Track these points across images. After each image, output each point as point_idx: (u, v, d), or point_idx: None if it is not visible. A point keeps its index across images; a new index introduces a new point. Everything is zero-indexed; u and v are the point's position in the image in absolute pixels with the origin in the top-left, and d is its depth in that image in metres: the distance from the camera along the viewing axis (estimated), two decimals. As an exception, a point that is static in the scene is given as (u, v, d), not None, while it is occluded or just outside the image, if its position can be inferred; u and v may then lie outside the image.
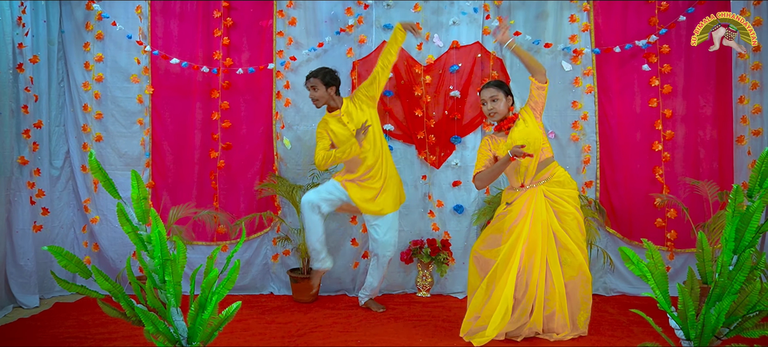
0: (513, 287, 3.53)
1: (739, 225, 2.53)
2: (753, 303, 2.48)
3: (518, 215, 3.61)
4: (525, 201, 3.63)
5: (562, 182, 3.67)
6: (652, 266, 2.61)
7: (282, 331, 3.86)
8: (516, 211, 3.63)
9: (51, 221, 4.79)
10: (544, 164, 3.67)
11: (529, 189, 3.66)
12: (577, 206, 3.69)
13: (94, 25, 4.89)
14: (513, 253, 3.57)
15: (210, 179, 4.92)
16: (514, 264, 3.55)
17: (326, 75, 4.17)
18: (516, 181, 3.72)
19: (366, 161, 4.14)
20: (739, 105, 4.69)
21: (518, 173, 3.68)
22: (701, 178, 4.60)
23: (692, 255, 4.59)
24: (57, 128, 4.90)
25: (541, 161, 3.65)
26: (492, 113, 3.68)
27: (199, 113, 4.93)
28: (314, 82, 4.16)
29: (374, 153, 4.16)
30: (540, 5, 4.85)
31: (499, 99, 3.66)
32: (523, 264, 3.56)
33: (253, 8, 4.91)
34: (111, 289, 2.53)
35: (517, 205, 3.64)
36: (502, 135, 3.72)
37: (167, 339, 2.52)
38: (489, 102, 3.67)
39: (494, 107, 3.65)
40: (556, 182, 3.65)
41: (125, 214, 2.54)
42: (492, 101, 3.66)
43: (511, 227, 3.61)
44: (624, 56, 4.78)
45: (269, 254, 4.95)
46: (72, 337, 3.73)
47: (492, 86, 3.71)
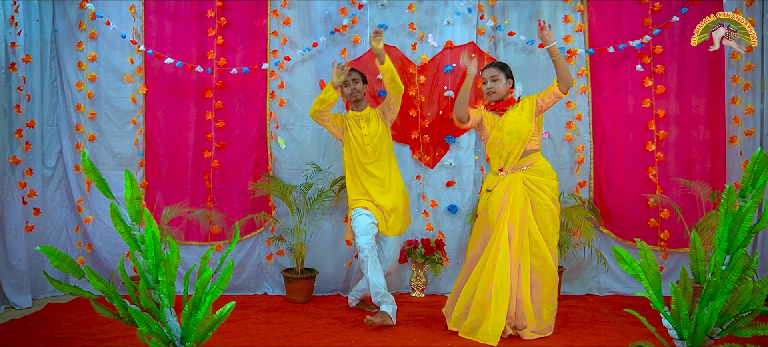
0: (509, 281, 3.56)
1: (731, 225, 2.54)
2: (745, 303, 2.49)
3: (501, 205, 3.65)
4: (506, 187, 3.67)
5: (542, 170, 3.71)
6: (645, 266, 2.62)
7: (276, 331, 3.85)
8: (498, 199, 3.67)
9: (43, 222, 4.76)
10: (528, 153, 3.71)
11: (508, 175, 3.71)
12: (555, 198, 3.71)
13: (87, 25, 4.87)
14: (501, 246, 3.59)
15: (204, 179, 4.91)
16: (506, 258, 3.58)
17: (360, 73, 4.22)
18: (496, 164, 3.77)
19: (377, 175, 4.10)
20: (732, 106, 4.71)
21: (500, 157, 3.74)
22: (694, 178, 4.63)
23: (685, 255, 4.61)
24: (50, 128, 4.87)
25: (525, 150, 3.69)
26: (490, 92, 3.75)
27: (192, 112, 4.91)
28: (357, 77, 4.16)
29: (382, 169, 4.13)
30: (534, 6, 4.86)
31: (499, 79, 3.74)
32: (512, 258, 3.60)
33: (247, 8, 4.90)
34: (104, 289, 2.52)
35: (498, 191, 3.69)
36: (496, 114, 3.80)
37: (160, 339, 2.51)
38: (489, 81, 3.75)
39: (493, 87, 3.74)
40: (536, 171, 3.70)
41: (118, 214, 2.53)
42: (492, 80, 3.74)
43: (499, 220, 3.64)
44: (617, 57, 4.80)
45: (263, 255, 4.94)
46: (65, 338, 3.71)
47: (494, 66, 3.80)
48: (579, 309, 4.37)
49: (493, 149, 3.78)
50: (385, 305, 3.88)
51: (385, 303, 3.88)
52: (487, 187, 3.78)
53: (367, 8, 4.87)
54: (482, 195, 3.87)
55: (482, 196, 3.86)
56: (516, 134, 3.67)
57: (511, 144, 3.68)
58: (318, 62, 4.90)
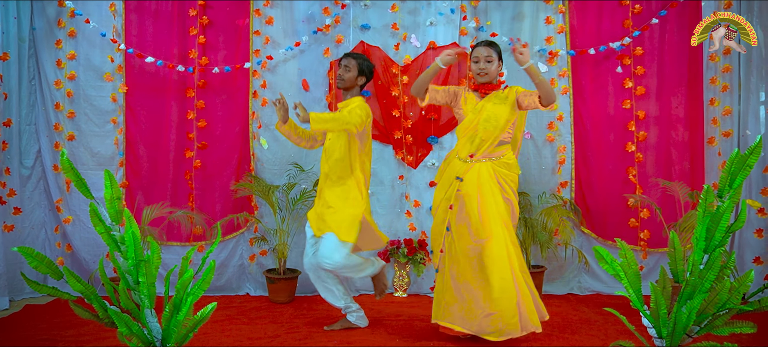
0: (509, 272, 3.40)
1: (709, 225, 2.58)
2: (723, 302, 2.53)
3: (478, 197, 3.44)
4: (476, 177, 3.48)
5: (510, 164, 3.55)
6: (625, 265, 2.64)
7: (258, 332, 3.83)
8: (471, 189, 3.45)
9: (21, 222, 4.69)
10: (502, 143, 3.55)
11: (478, 163, 3.51)
12: (516, 192, 3.58)
13: (66, 23, 4.80)
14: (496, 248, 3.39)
15: (185, 179, 4.87)
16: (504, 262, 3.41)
17: (364, 63, 3.84)
18: (466, 150, 3.55)
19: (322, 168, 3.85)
20: (710, 107, 4.78)
21: (472, 142, 3.53)
22: (673, 178, 4.69)
23: (665, 255, 4.67)
24: (27, 127, 4.80)
25: (501, 140, 3.53)
26: (482, 73, 3.50)
27: (174, 112, 4.87)
28: (350, 64, 3.79)
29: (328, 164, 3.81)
30: (516, 6, 4.89)
31: (492, 60, 3.50)
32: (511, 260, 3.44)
33: (229, 7, 4.87)
34: (83, 290, 2.49)
35: (469, 181, 3.47)
36: (477, 95, 3.58)
37: (141, 340, 2.49)
38: (483, 61, 3.49)
39: (486, 68, 3.49)
40: (504, 163, 3.53)
41: (98, 214, 2.50)
42: (486, 60, 3.49)
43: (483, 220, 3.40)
44: (598, 58, 4.85)
45: (245, 255, 4.92)
46: (43, 340, 3.66)
47: (489, 46, 3.53)
48: (560, 308, 4.40)
49: (466, 133, 3.56)
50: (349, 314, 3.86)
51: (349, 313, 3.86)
52: (458, 174, 3.52)
53: (350, 8, 4.87)
54: (445, 177, 3.61)
55: (446, 179, 3.60)
56: (493, 122, 3.47)
57: (487, 132, 3.48)
58: (301, 62, 4.88)
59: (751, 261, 4.62)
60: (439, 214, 3.62)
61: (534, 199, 4.84)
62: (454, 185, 3.54)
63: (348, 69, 3.78)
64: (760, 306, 2.57)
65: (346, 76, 3.77)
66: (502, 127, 3.50)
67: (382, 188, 4.91)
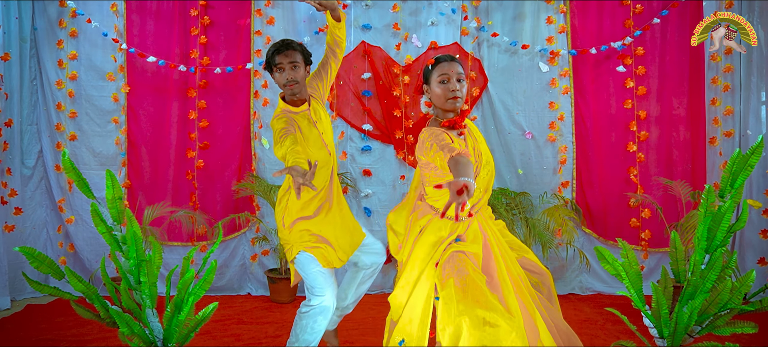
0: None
1: (711, 225, 2.57)
2: (724, 302, 2.53)
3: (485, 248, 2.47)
4: (478, 226, 2.52)
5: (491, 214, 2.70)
6: (626, 265, 2.64)
7: (260, 332, 3.83)
8: (479, 242, 2.46)
9: (22, 222, 4.70)
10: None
11: (475, 219, 2.53)
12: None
13: (68, 23, 4.81)
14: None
15: (187, 179, 4.87)
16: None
17: (304, 50, 3.06)
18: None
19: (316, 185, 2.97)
20: (712, 107, 4.78)
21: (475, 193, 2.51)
22: (674, 178, 4.68)
23: (666, 255, 4.67)
24: (29, 127, 4.81)
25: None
26: (455, 96, 2.52)
27: (175, 112, 4.88)
28: (296, 59, 2.96)
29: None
30: (517, 6, 4.89)
31: (463, 81, 2.58)
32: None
33: (230, 7, 4.87)
34: (85, 290, 2.49)
35: (473, 234, 2.48)
36: (455, 134, 2.55)
37: (142, 340, 2.49)
38: (455, 81, 2.53)
39: (460, 90, 2.54)
40: (489, 216, 2.64)
41: (99, 214, 2.50)
42: (458, 81, 2.54)
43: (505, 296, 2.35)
44: (599, 58, 4.84)
45: (247, 255, 4.92)
46: (44, 340, 3.66)
47: (456, 62, 2.58)
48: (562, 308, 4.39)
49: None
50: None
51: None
52: (458, 234, 2.45)
53: (352, 8, 4.87)
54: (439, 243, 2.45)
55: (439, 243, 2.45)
56: (492, 163, 2.63)
57: (488, 177, 2.59)
58: (302, 62, 4.88)
59: (752, 260, 4.62)
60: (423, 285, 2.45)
61: (535, 199, 4.84)
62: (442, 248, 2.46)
63: (296, 68, 2.96)
64: (761, 306, 2.57)
65: (299, 77, 2.96)
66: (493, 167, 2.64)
67: (383, 188, 4.91)
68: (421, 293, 2.41)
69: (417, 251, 2.48)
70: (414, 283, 2.44)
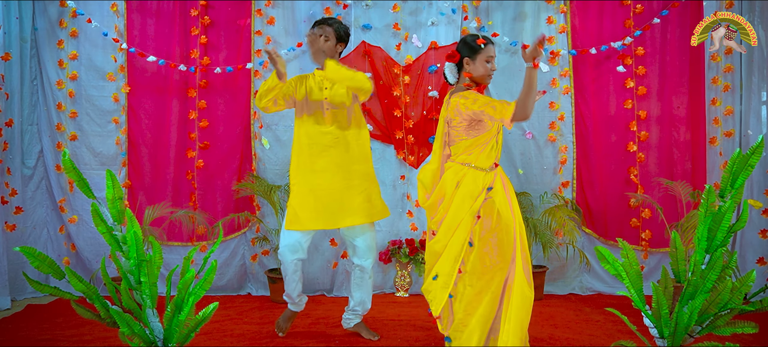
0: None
1: (711, 225, 2.57)
2: (725, 302, 2.53)
3: (509, 203, 2.96)
4: (501, 182, 3.00)
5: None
6: (627, 265, 2.64)
7: (260, 332, 3.83)
8: (502, 197, 2.96)
9: (23, 221, 4.70)
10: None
11: (497, 167, 3.04)
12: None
13: (68, 23, 4.81)
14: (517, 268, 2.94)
15: (187, 179, 4.88)
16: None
17: (341, 27, 3.47)
18: (491, 158, 3.01)
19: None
20: (712, 107, 4.78)
21: (495, 147, 3.03)
22: (675, 178, 4.68)
23: (666, 255, 4.67)
24: (30, 127, 4.81)
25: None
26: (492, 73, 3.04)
27: (176, 111, 4.88)
28: (328, 32, 3.41)
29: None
30: (518, 6, 4.89)
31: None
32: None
33: (231, 7, 4.88)
34: (85, 290, 2.49)
35: (498, 188, 2.97)
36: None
37: (142, 340, 2.49)
38: (492, 61, 3.03)
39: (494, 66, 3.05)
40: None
41: (100, 214, 2.50)
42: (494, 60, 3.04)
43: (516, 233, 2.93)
44: (600, 58, 4.85)
45: (247, 255, 4.92)
46: (45, 340, 3.67)
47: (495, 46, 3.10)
48: (562, 308, 4.40)
49: (492, 141, 3.00)
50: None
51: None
52: (486, 186, 2.95)
53: (352, 8, 4.87)
54: (470, 196, 2.95)
55: (474, 201, 2.95)
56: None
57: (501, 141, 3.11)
58: (302, 62, 4.88)
59: (752, 260, 4.62)
60: (461, 231, 2.96)
61: (535, 199, 4.84)
62: (479, 194, 2.94)
63: (326, 38, 3.41)
64: (761, 306, 2.57)
65: (325, 47, 3.40)
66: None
67: (384, 187, 4.89)
68: (458, 239, 2.96)
69: (456, 201, 2.98)
70: (454, 229, 2.97)
